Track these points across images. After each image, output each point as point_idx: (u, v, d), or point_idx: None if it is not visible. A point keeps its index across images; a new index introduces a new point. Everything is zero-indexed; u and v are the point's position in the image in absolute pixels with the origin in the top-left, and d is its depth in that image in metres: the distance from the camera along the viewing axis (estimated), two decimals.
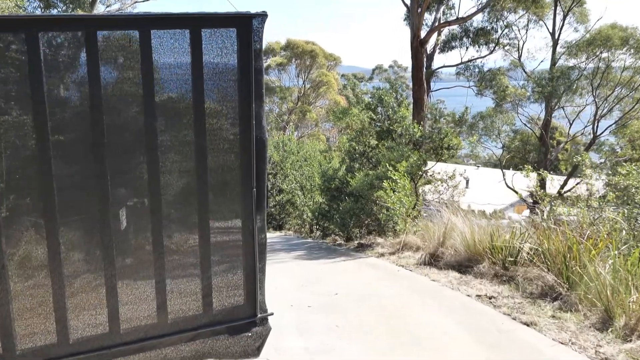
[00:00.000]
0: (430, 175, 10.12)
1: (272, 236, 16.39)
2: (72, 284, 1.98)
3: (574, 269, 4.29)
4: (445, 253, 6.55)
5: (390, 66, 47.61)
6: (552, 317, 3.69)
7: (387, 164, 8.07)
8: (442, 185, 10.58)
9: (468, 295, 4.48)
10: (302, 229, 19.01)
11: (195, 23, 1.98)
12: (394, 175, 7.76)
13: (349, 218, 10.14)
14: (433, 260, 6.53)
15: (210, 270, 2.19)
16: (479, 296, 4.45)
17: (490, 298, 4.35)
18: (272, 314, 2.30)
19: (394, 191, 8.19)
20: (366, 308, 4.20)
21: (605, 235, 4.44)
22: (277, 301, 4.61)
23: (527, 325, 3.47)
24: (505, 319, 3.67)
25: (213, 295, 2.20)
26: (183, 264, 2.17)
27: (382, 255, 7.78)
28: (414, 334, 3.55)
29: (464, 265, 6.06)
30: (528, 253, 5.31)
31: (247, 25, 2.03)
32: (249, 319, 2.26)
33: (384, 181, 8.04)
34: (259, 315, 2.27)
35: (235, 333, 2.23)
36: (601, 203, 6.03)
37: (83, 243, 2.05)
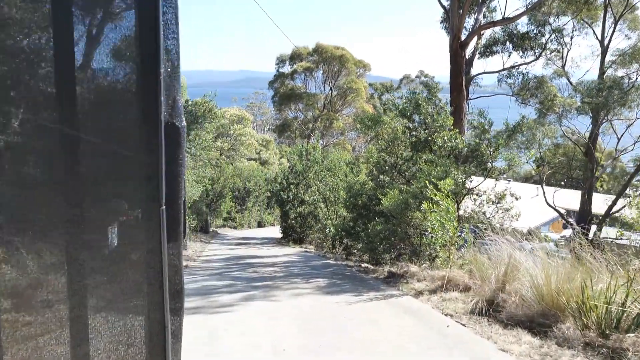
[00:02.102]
0: (476, 194, 8.60)
1: (291, 252, 15.13)
2: None
3: None
4: (508, 301, 5.05)
5: (417, 76, 46.67)
6: None
7: (427, 182, 6.63)
8: (488, 207, 9.03)
9: None
10: (324, 244, 17.75)
11: None
12: (436, 196, 6.32)
13: (378, 241, 8.70)
14: (491, 310, 5.04)
15: (88, 343, 1.42)
16: None
17: None
18: None
19: (433, 213, 6.74)
20: None
21: None
22: None
23: None
24: None
25: None
26: (37, 332, 1.37)
27: (420, 293, 6.33)
28: None
29: (537, 323, 4.54)
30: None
31: None
32: None
33: (424, 202, 6.60)
34: None
35: None
36: None
37: None
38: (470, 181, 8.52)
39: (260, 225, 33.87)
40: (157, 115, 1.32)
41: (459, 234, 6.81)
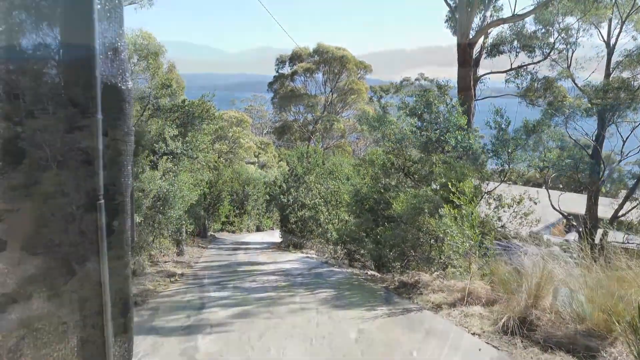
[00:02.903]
0: (493, 198, 8.06)
1: (292, 258, 14.54)
2: None
3: None
4: (542, 319, 4.49)
5: (417, 79, 46.29)
6: None
7: (450, 183, 6.08)
8: (504, 211, 8.49)
9: None
10: (325, 249, 17.18)
11: None
12: (460, 199, 5.77)
13: (388, 248, 8.14)
14: (524, 329, 4.48)
15: None
16: None
17: None
18: None
19: (452, 218, 6.19)
20: None
21: None
22: None
23: None
24: None
25: None
26: None
27: (438, 307, 5.76)
28: None
29: (580, 345, 3.99)
30: None
31: None
32: None
33: (443, 206, 6.05)
34: None
35: None
36: None
37: None
38: (487, 184, 7.99)
39: (259, 229, 33.27)
40: (90, 71, 0.84)
41: (481, 242, 6.26)
